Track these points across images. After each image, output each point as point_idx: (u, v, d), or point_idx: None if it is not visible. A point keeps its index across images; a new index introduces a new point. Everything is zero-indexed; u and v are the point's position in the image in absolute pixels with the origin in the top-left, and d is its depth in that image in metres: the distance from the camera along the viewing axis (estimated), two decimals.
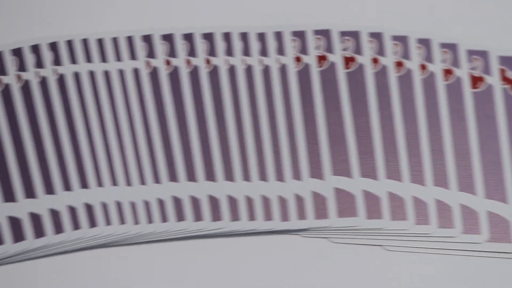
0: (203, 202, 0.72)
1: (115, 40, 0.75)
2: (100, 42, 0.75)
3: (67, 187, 0.72)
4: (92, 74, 0.74)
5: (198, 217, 0.72)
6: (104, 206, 0.72)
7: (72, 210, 0.71)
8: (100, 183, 0.72)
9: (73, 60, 0.74)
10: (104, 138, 0.73)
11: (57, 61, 0.74)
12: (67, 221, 0.71)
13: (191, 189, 0.73)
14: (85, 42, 0.75)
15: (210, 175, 0.73)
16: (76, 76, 0.74)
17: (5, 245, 0.70)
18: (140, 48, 0.75)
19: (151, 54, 0.75)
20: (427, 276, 0.71)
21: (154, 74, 0.75)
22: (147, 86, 0.75)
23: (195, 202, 0.72)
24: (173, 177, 0.73)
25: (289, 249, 0.72)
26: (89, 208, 0.71)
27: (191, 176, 0.73)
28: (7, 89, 0.73)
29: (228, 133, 0.74)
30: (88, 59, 0.75)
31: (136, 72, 0.75)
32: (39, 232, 0.70)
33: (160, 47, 0.75)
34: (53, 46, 0.74)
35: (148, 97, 0.74)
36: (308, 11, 0.78)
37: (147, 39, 0.76)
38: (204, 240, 0.72)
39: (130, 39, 0.75)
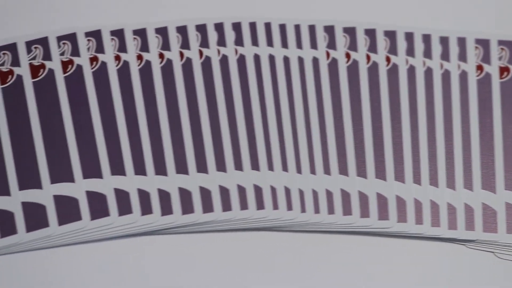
0: (371, 199, 0.71)
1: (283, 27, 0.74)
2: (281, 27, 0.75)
3: (238, 167, 0.71)
4: (272, 59, 0.74)
5: (364, 213, 0.71)
6: (273, 190, 0.71)
7: (242, 190, 0.70)
8: (271, 167, 0.71)
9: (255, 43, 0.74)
10: (279, 124, 0.72)
11: (238, 42, 0.74)
12: (235, 200, 0.70)
13: (359, 184, 0.72)
14: (268, 26, 0.74)
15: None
16: (256, 58, 0.74)
17: (174, 215, 0.69)
18: (323, 38, 0.75)
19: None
20: None
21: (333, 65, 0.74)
22: (326, 76, 0.74)
23: (363, 199, 0.71)
24: (343, 170, 0.72)
25: (451, 258, 0.71)
26: (258, 190, 0.71)
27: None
28: (188, 63, 0.73)
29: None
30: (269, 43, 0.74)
31: (315, 61, 0.74)
32: (207, 207, 0.70)
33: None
34: (237, 26, 0.74)
35: (326, 86, 0.74)
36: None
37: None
38: (370, 238, 0.71)
39: (311, 28, 0.75)
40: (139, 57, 0.73)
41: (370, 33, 0.75)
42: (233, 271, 0.69)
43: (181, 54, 0.73)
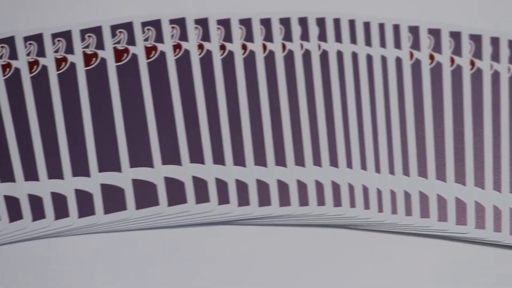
0: (450, 203, 0.70)
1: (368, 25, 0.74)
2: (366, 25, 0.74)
3: (317, 162, 0.70)
4: (355, 56, 0.73)
5: (442, 217, 0.70)
6: (351, 188, 0.70)
7: (319, 186, 0.70)
8: (349, 165, 0.71)
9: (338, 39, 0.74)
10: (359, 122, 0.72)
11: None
12: (312, 195, 0.69)
13: (438, 187, 0.71)
14: (352, 23, 0.74)
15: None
16: (339, 54, 0.73)
17: (251, 206, 0.69)
18: (407, 38, 0.74)
19: (415, 45, 0.74)
20: None
21: (417, 66, 0.73)
22: (408, 77, 0.73)
23: (442, 202, 0.70)
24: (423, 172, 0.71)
25: None
26: (336, 187, 0.70)
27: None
28: (271, 56, 0.72)
29: None
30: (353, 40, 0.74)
31: (398, 61, 0.73)
32: (284, 201, 0.69)
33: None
34: (320, 22, 0.74)
35: (408, 87, 0.73)
36: None
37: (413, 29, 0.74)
38: (446, 242, 0.70)
39: (396, 28, 0.74)
40: (222, 47, 0.72)
41: (455, 36, 0.74)
42: (304, 265, 0.69)
43: (264, 47, 0.73)
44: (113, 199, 0.68)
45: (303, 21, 0.74)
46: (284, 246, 0.69)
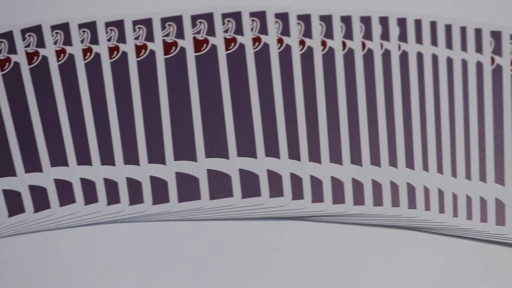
0: None
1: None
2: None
3: (392, 163, 0.69)
4: (435, 58, 0.72)
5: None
6: (426, 191, 0.69)
7: (394, 186, 0.69)
8: (425, 167, 0.70)
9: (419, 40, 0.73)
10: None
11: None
12: (387, 196, 0.69)
13: None
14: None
15: None
16: (419, 56, 0.72)
17: (325, 203, 0.68)
18: (490, 43, 0.73)
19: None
20: None
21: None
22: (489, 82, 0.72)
23: None
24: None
25: None
26: (411, 189, 0.69)
27: None
28: (350, 54, 0.72)
29: None
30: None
31: (479, 66, 0.72)
32: (358, 200, 0.68)
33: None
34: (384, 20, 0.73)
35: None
36: None
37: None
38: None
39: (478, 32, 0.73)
40: (302, 43, 0.72)
41: None
42: (372, 265, 0.68)
43: (344, 44, 0.72)
44: (188, 188, 0.67)
45: (384, 21, 0.73)
46: (355, 245, 0.68)
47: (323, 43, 0.72)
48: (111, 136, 0.68)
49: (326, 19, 0.73)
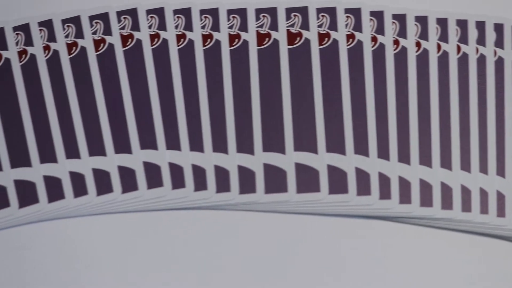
0: None
1: None
2: None
3: (483, 169, 0.69)
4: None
5: None
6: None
7: (484, 193, 0.68)
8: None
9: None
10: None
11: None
12: (475, 202, 0.68)
13: None
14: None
15: None
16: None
17: (412, 205, 0.67)
18: None
19: None
20: None
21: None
22: None
23: None
24: None
25: None
26: (501, 197, 0.68)
27: None
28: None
29: None
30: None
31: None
32: (446, 204, 0.67)
33: None
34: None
35: None
36: None
37: None
38: None
39: None
40: (396, 42, 0.71)
41: None
42: (458, 273, 0.67)
43: (439, 46, 0.71)
44: (275, 180, 0.67)
45: (480, 25, 0.72)
46: (438, 250, 0.67)
47: (418, 44, 0.71)
48: (201, 125, 0.68)
49: (421, 20, 0.72)
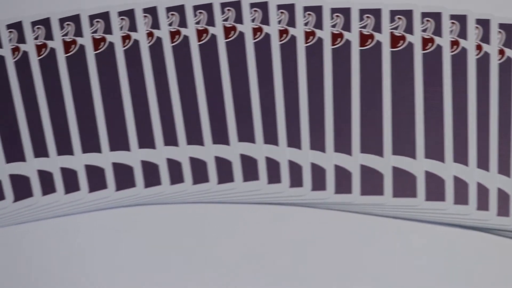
0: None
1: None
2: None
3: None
4: None
5: None
6: None
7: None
8: None
9: None
10: None
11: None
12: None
13: None
14: None
15: None
16: None
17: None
18: None
19: None
20: None
21: None
22: None
23: None
24: None
25: None
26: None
27: None
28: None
29: None
30: None
31: None
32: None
33: None
34: None
35: None
36: None
37: None
38: None
39: None
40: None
41: None
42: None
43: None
44: (371, 182, 0.67)
45: None
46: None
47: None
48: (299, 121, 0.68)
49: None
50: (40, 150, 0.67)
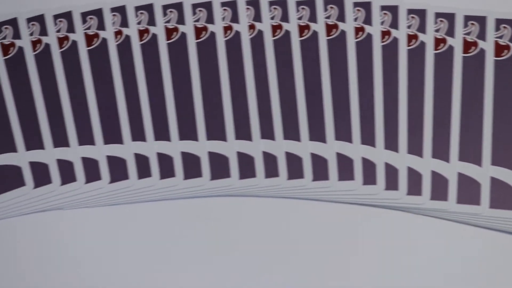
0: None
1: None
2: None
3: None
4: None
5: None
6: None
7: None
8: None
9: None
10: None
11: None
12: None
13: None
14: None
15: None
16: None
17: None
18: None
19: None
20: None
21: None
22: None
23: None
24: None
25: None
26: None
27: None
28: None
29: None
30: None
31: None
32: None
33: None
34: None
35: None
36: None
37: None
38: None
39: None
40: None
41: None
42: None
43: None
44: (468, 190, 0.65)
45: None
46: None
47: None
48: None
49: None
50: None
